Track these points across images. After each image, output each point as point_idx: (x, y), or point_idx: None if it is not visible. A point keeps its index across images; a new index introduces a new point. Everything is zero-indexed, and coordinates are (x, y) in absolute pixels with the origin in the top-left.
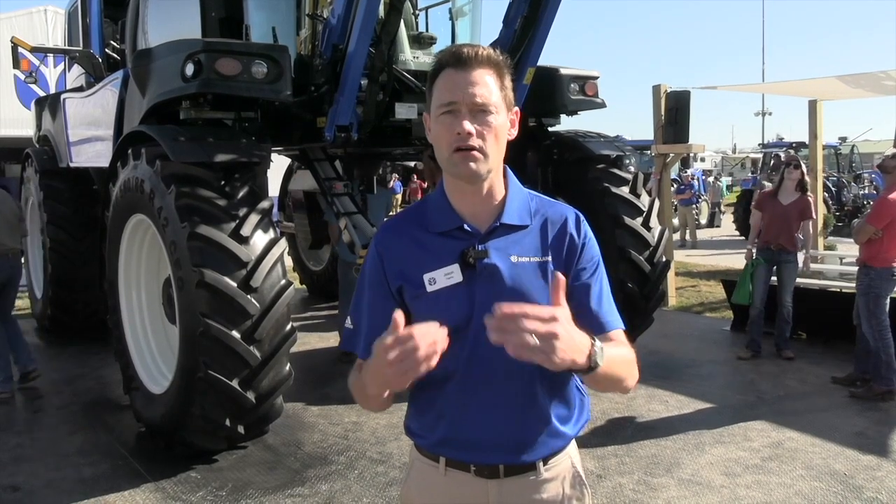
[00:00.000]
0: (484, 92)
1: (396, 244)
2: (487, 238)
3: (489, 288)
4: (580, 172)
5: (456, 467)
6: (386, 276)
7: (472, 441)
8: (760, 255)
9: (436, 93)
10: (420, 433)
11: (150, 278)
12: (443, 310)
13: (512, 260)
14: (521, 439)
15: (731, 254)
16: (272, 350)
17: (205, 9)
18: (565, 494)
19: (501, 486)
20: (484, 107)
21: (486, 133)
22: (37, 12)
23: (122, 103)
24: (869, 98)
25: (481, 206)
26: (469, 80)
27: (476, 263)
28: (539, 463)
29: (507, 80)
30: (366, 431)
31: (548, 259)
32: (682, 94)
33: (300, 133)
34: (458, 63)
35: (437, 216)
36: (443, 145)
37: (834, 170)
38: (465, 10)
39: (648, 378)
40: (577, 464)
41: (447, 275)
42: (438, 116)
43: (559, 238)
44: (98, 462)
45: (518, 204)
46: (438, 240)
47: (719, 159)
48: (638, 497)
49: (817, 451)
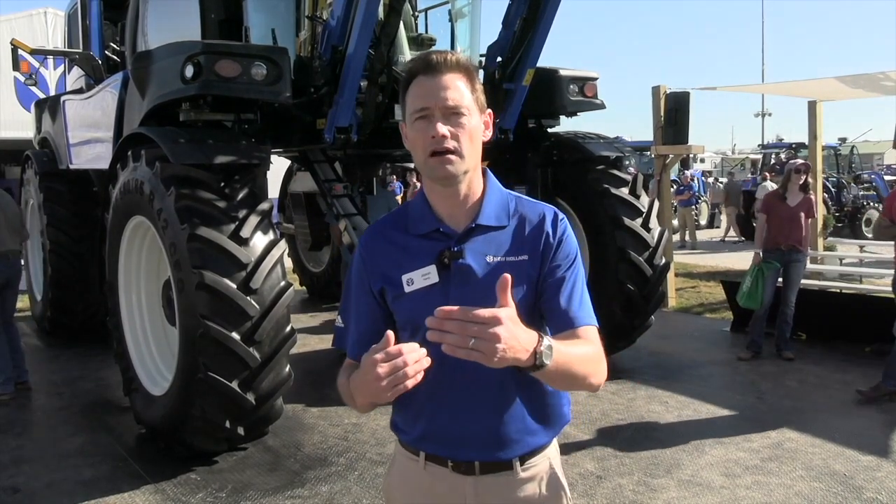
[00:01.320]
0: (455, 95)
1: (378, 247)
2: (464, 239)
3: (464, 288)
4: (580, 173)
5: (435, 462)
6: (369, 279)
7: (449, 437)
8: (770, 256)
9: (409, 100)
10: (403, 428)
11: (149, 280)
12: (420, 310)
13: (487, 260)
14: (496, 436)
15: (731, 254)
16: (272, 351)
17: (204, 11)
18: (542, 495)
19: (478, 483)
20: (456, 109)
21: (460, 134)
22: (36, 14)
23: (122, 105)
24: (868, 99)
25: (459, 207)
26: (440, 85)
27: (451, 264)
28: (515, 462)
29: (477, 83)
30: (365, 433)
31: (524, 258)
32: (682, 95)
33: (300, 135)
34: (428, 69)
35: (416, 219)
36: (419, 150)
37: (833, 170)
38: (464, 11)
39: (648, 378)
40: (557, 466)
41: (424, 275)
42: (413, 123)
43: (535, 236)
44: (98, 463)
45: (496, 205)
46: (418, 242)
47: (719, 160)
48: (638, 498)
49: (817, 452)
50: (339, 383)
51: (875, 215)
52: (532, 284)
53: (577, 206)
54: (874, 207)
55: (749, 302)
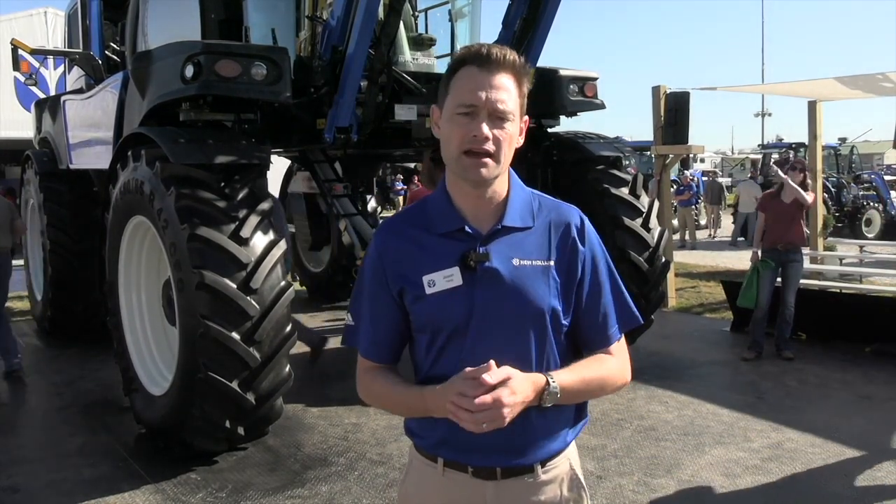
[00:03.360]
0: (506, 98)
1: (396, 245)
2: (489, 240)
3: (490, 292)
4: (580, 173)
5: (454, 468)
6: (387, 277)
7: (470, 443)
8: (767, 256)
9: (454, 90)
10: (419, 433)
11: (149, 280)
12: (441, 313)
13: (514, 263)
14: (518, 442)
15: (731, 254)
16: (272, 351)
17: (204, 10)
18: (563, 496)
19: (498, 488)
20: (504, 114)
21: (501, 139)
22: (36, 14)
23: (122, 105)
24: (868, 99)
25: (483, 207)
26: (492, 84)
27: (477, 267)
28: (537, 465)
29: (525, 87)
30: (366, 433)
31: (551, 264)
32: (682, 95)
33: (300, 135)
34: (483, 62)
35: (438, 217)
36: (453, 145)
37: (833, 170)
38: (464, 11)
39: (648, 378)
40: (576, 466)
41: (447, 277)
42: (454, 115)
43: (563, 242)
44: (98, 463)
45: (520, 205)
46: (439, 241)
47: (719, 160)
48: (638, 498)
49: (817, 452)
50: (369, 389)
51: (875, 215)
52: (559, 290)
53: (577, 206)
54: (874, 207)
55: (744, 301)
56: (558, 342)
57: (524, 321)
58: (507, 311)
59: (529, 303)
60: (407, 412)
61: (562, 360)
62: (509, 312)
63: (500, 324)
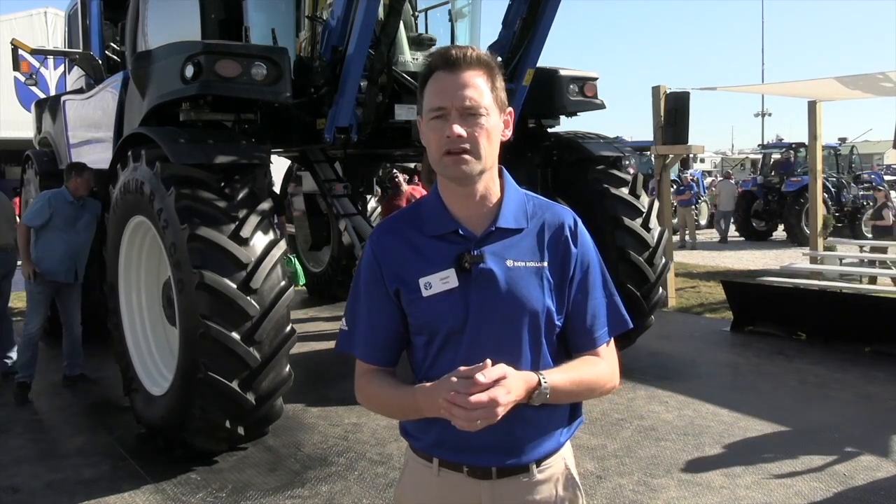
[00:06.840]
0: (474, 94)
1: (392, 246)
2: (483, 242)
3: (485, 293)
4: (580, 174)
5: (449, 468)
6: (384, 277)
7: (465, 443)
8: None
9: (426, 97)
10: (415, 434)
11: (150, 280)
12: (438, 314)
13: (508, 265)
14: (514, 442)
15: (731, 254)
16: (272, 351)
17: (204, 11)
18: (558, 496)
19: (494, 488)
20: (474, 109)
21: (477, 135)
22: (37, 14)
23: (122, 105)
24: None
25: (476, 208)
26: (459, 83)
27: (472, 268)
28: (532, 465)
29: (498, 80)
30: (366, 433)
31: (544, 265)
32: (682, 95)
33: (300, 135)
34: (448, 65)
35: (432, 219)
36: (433, 148)
37: (833, 170)
38: (464, 11)
39: (648, 378)
40: (571, 465)
41: (443, 280)
42: (429, 121)
43: (556, 243)
44: (98, 463)
45: (514, 207)
46: (433, 243)
47: (719, 160)
48: (638, 498)
49: (817, 452)
50: (365, 392)
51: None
52: (552, 291)
53: (577, 206)
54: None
55: None
56: (551, 342)
57: (519, 322)
58: (501, 312)
59: (524, 304)
60: (401, 414)
61: (554, 360)
62: (504, 313)
63: (495, 324)
